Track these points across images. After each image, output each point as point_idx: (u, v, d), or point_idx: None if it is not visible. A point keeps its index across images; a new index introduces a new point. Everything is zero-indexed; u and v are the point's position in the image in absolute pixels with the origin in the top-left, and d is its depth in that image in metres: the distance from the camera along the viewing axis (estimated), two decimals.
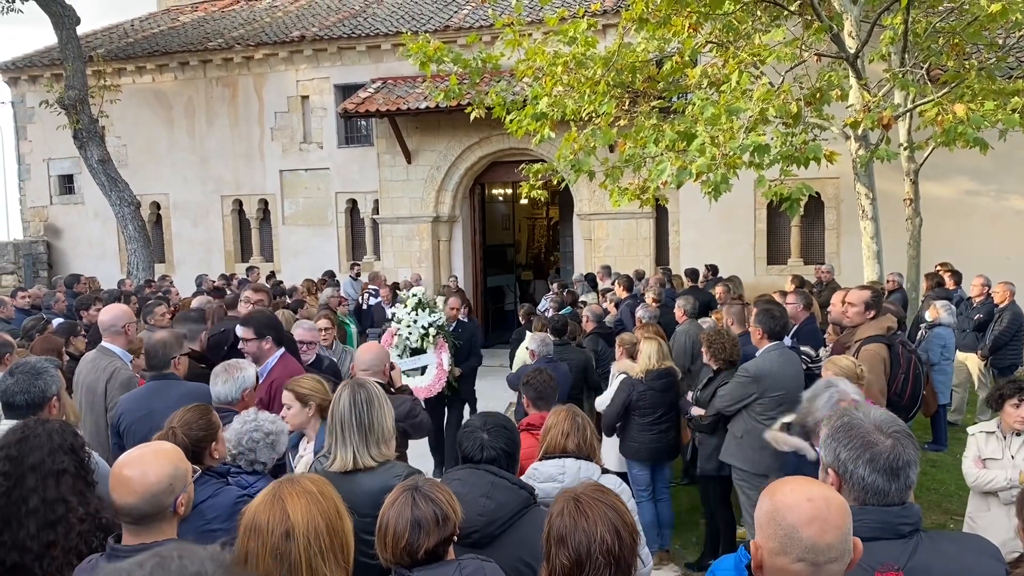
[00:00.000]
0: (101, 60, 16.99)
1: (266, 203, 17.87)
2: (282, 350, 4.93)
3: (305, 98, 17.34)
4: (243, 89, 17.65)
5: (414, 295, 7.95)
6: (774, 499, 1.72)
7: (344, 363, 6.64)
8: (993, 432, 4.68)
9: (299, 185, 17.53)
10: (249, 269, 15.32)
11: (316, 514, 2.00)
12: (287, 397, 3.89)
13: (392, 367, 4.64)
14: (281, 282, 14.24)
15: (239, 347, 4.94)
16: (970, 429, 4.90)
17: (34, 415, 3.15)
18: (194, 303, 8.84)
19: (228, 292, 11.48)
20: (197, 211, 18.24)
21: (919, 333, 8.72)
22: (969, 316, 9.58)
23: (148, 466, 2.31)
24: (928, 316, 8.73)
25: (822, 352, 6.38)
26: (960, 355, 9.35)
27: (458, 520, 2.34)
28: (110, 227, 17.96)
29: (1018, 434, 4.57)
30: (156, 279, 14.03)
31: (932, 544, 1.97)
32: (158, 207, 18.56)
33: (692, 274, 11.85)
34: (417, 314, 7.75)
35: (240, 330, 4.92)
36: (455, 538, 2.36)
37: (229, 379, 3.99)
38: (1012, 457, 4.56)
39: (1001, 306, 9.27)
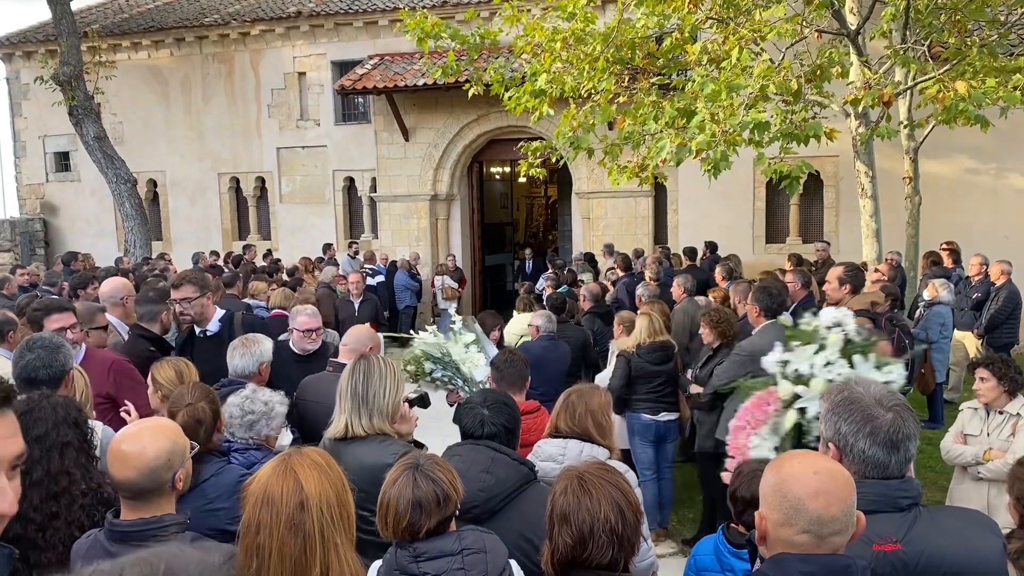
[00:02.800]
0: (96, 36, 16.82)
1: (263, 181, 17.80)
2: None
3: (302, 75, 17.21)
4: (239, 65, 17.52)
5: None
6: (780, 472, 1.73)
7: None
8: (977, 409, 4.73)
9: (296, 163, 17.45)
10: (246, 247, 15.31)
11: (327, 485, 2.03)
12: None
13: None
14: (279, 260, 14.24)
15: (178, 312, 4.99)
16: (961, 405, 4.95)
17: (54, 389, 3.15)
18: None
19: (225, 270, 11.47)
20: (194, 189, 18.17)
21: (917, 312, 8.72)
22: (967, 295, 9.58)
23: (146, 442, 2.31)
24: (927, 294, 8.73)
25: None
26: (958, 334, 9.36)
27: (459, 498, 2.35)
28: (107, 205, 17.89)
29: (1000, 412, 4.61)
30: (153, 257, 14.01)
31: (930, 518, 1.98)
32: (155, 185, 18.48)
33: (690, 253, 11.84)
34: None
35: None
36: (456, 514, 2.36)
37: (247, 353, 4.04)
38: (988, 435, 4.61)
39: (998, 285, 9.26)
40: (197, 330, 5.00)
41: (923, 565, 1.89)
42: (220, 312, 5.05)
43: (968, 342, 9.47)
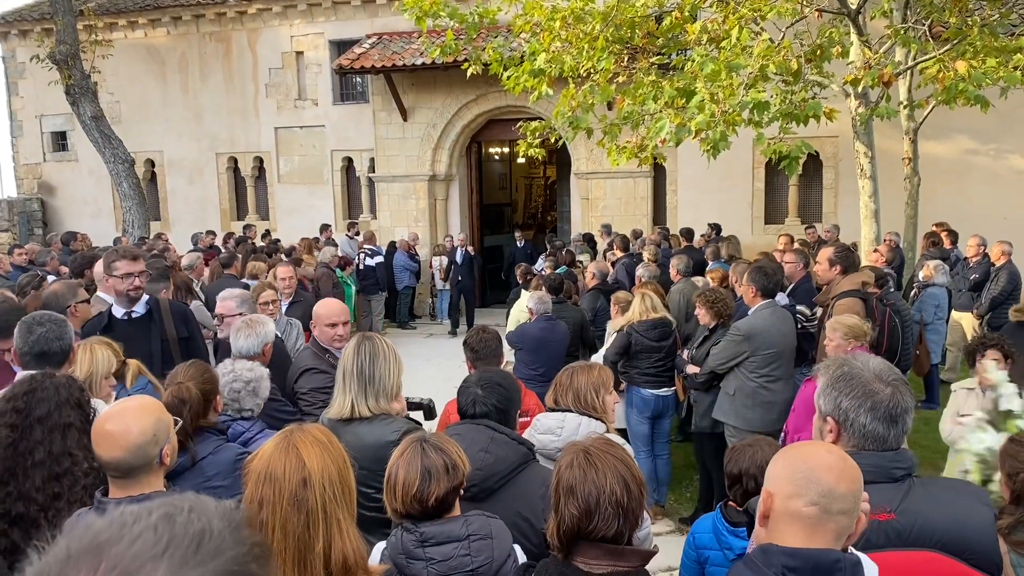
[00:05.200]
0: (92, 14, 16.71)
1: (261, 161, 17.74)
2: None
3: (300, 54, 17.12)
4: (237, 44, 17.42)
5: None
6: (794, 452, 1.76)
7: (289, 337, 5.99)
8: (972, 389, 4.73)
9: (294, 143, 17.39)
10: (246, 227, 15.29)
11: (329, 462, 2.05)
12: None
13: None
14: (278, 240, 14.23)
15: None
16: (953, 386, 4.95)
17: (58, 366, 3.16)
18: (184, 261, 8.86)
19: (224, 251, 11.47)
20: (192, 169, 18.11)
21: (912, 292, 8.74)
22: (965, 276, 9.60)
23: (130, 420, 2.33)
24: (921, 276, 8.75)
25: (799, 309, 6.42)
26: (956, 314, 9.39)
27: (466, 470, 2.38)
28: (104, 184, 17.84)
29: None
30: (151, 237, 14.00)
31: (924, 489, 2.02)
32: (153, 165, 18.42)
33: (687, 234, 11.83)
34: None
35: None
36: (463, 489, 2.39)
37: (252, 334, 4.06)
38: None
39: (998, 265, 9.28)
40: (119, 312, 4.65)
41: (916, 534, 1.92)
42: (146, 296, 4.81)
43: (966, 323, 9.50)
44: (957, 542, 1.91)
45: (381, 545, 2.36)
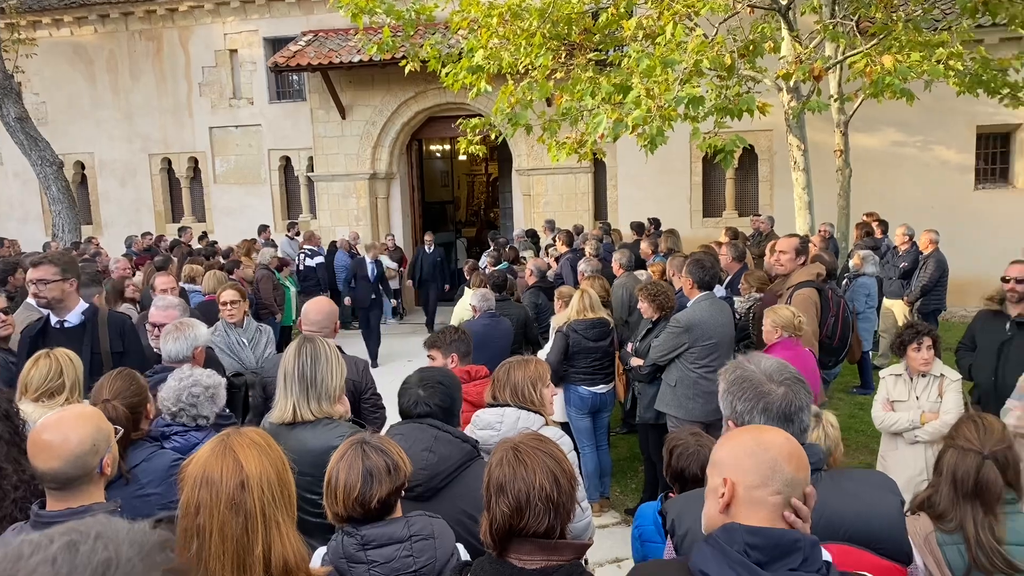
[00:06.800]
0: (14, 12, 16.11)
1: (196, 161, 17.35)
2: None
3: (233, 52, 16.78)
4: (168, 43, 16.99)
5: None
6: (756, 438, 1.77)
7: (259, 345, 5.79)
8: (900, 375, 4.88)
9: (230, 142, 17.06)
10: (181, 230, 14.94)
11: (267, 465, 2.02)
12: None
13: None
14: (215, 242, 13.94)
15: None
16: (881, 373, 5.10)
17: None
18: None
19: (160, 254, 11.20)
20: (124, 170, 17.61)
21: (843, 283, 9.00)
22: (895, 264, 9.90)
23: (69, 429, 2.26)
24: (851, 266, 9.00)
25: (737, 301, 6.54)
26: (887, 302, 9.67)
27: (408, 470, 2.36)
28: (32, 188, 17.25)
29: (923, 375, 4.77)
30: (83, 241, 13.58)
31: (832, 482, 2.06)
32: (83, 167, 17.86)
33: (637, 227, 11.92)
34: None
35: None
36: (404, 490, 2.37)
37: (180, 336, 3.99)
38: (917, 398, 4.77)
39: (926, 254, 9.59)
40: (53, 320, 4.51)
41: (823, 526, 1.95)
42: (83, 305, 4.65)
43: (897, 310, 9.80)
44: (865, 533, 1.96)
45: (322, 550, 2.33)
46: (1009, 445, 2.50)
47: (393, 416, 3.53)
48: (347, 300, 11.88)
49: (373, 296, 11.82)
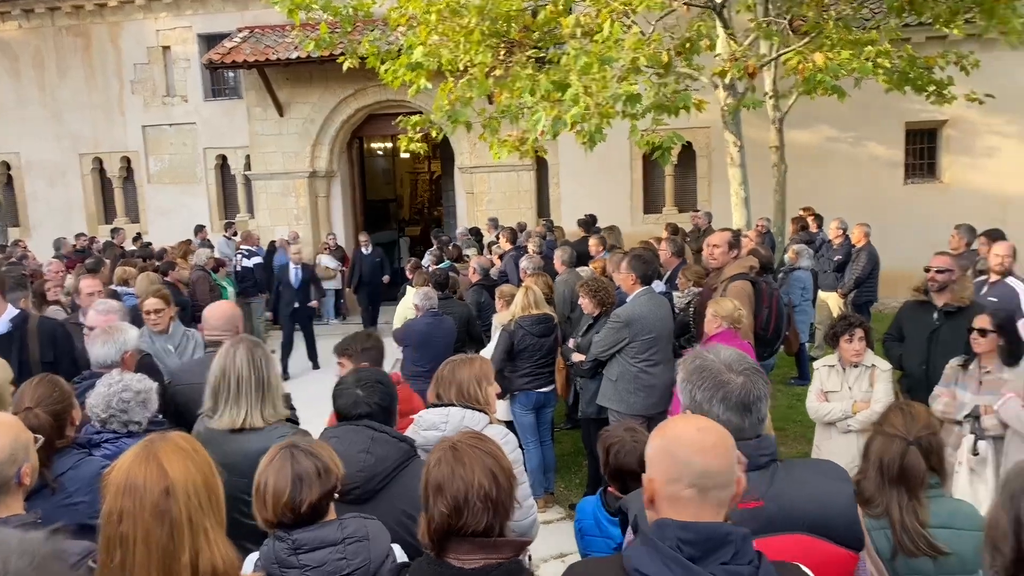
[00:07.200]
0: None
1: (129, 161, 16.86)
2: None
3: (166, 48, 16.35)
4: (97, 39, 16.47)
5: None
6: (667, 434, 1.77)
7: (186, 351, 5.54)
8: (834, 366, 5.00)
9: (164, 141, 16.63)
10: (114, 231, 14.54)
11: (193, 471, 1.96)
12: None
13: None
14: (149, 244, 13.60)
15: None
16: (815, 364, 5.22)
17: None
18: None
19: (92, 257, 10.87)
20: (53, 170, 17.01)
21: (779, 276, 9.19)
22: (829, 258, 10.14)
23: None
24: (787, 260, 9.20)
25: (676, 296, 6.63)
26: (822, 294, 9.91)
27: (340, 473, 2.32)
28: None
29: (855, 366, 4.89)
30: (9, 244, 13.11)
31: (787, 472, 2.08)
32: (8, 167, 17.21)
33: (585, 224, 11.95)
34: None
35: None
36: (336, 494, 2.33)
37: (109, 340, 3.87)
38: (849, 388, 4.89)
39: (858, 247, 9.85)
40: None
41: (783, 517, 1.98)
42: (13, 311, 4.50)
43: (832, 302, 10.04)
44: (822, 522, 1.99)
45: (254, 555, 2.28)
46: (933, 431, 2.58)
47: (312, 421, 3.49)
48: (268, 315, 11.12)
49: (296, 305, 11.02)
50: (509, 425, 5.98)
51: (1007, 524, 1.90)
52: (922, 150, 14.62)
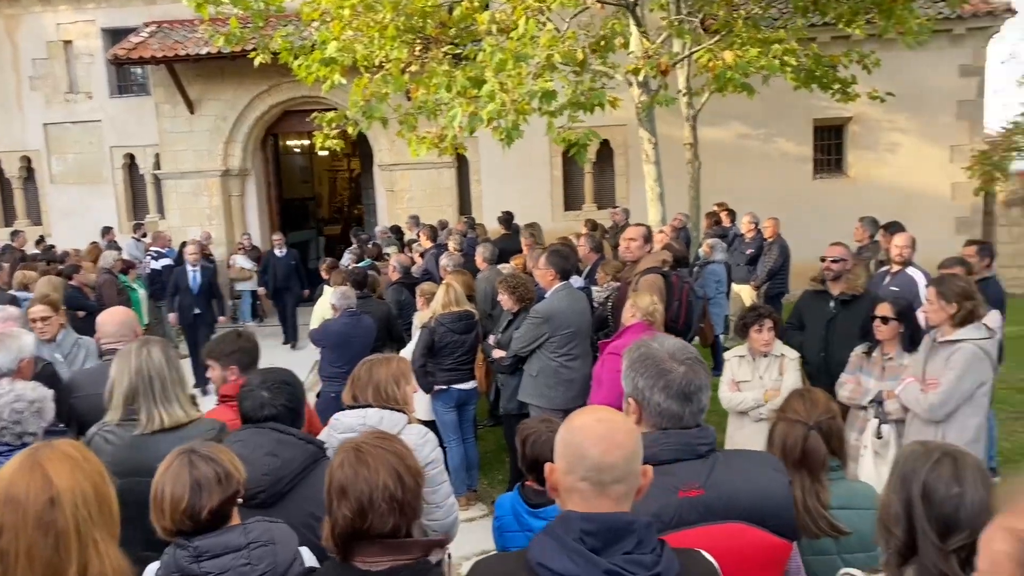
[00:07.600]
0: None
1: (29, 160, 16.14)
2: None
3: (68, 43, 15.69)
4: None
5: None
6: (570, 424, 1.76)
7: (77, 359, 5.28)
8: (744, 356, 5.12)
9: (68, 139, 15.95)
10: (14, 234, 13.85)
11: (81, 479, 1.86)
12: None
13: None
14: (53, 246, 13.04)
15: None
16: (725, 355, 5.34)
17: None
18: None
19: None
20: None
21: (695, 270, 9.38)
22: (742, 251, 10.40)
23: None
24: (702, 254, 9.40)
25: (595, 290, 6.70)
26: (735, 286, 10.16)
27: (242, 478, 2.25)
28: None
29: (765, 355, 5.03)
30: None
31: (726, 461, 2.10)
32: None
33: (505, 221, 11.94)
34: None
35: None
36: (240, 499, 2.25)
37: (2, 348, 3.67)
38: (760, 378, 5.02)
39: (770, 240, 10.13)
40: None
41: (723, 507, 2.00)
42: None
43: (745, 294, 10.30)
44: (760, 511, 2.02)
45: (154, 565, 2.19)
46: (833, 416, 2.66)
47: None
48: (171, 318, 10.36)
49: (197, 311, 10.09)
50: (431, 424, 5.95)
51: (899, 506, 1.98)
52: (830, 146, 15.17)
